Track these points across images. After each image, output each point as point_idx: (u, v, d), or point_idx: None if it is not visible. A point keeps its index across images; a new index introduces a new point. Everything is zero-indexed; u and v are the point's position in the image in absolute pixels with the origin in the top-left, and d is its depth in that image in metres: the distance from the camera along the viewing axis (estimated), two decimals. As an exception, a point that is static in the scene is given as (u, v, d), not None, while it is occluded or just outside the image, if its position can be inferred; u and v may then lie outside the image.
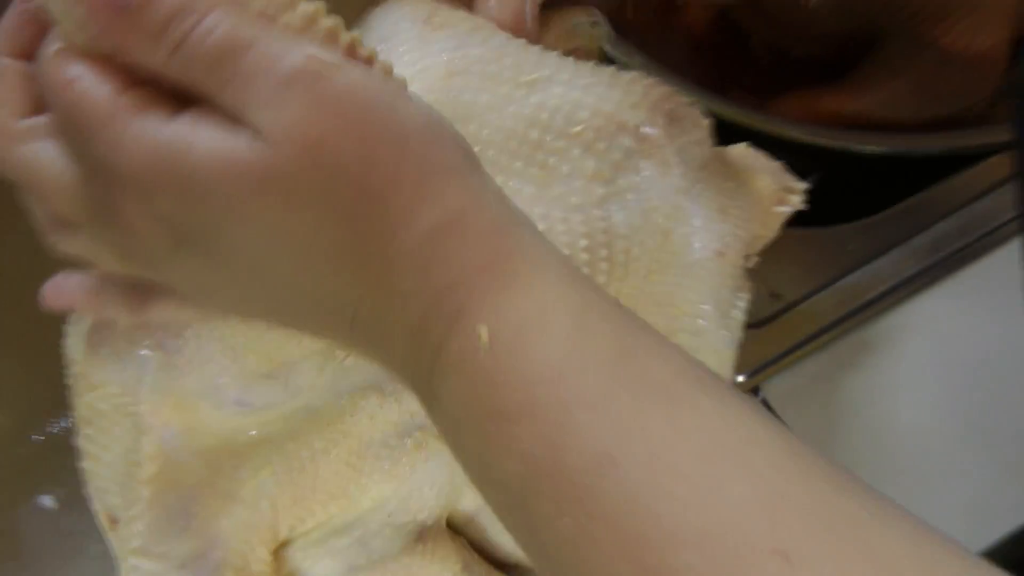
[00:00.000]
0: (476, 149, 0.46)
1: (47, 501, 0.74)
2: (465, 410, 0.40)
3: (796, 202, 0.65)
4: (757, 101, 0.91)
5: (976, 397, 0.79)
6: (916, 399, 0.80)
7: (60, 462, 0.73)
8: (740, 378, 0.78)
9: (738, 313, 0.62)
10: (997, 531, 0.74)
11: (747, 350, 0.73)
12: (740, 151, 0.65)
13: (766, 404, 0.79)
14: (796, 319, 0.80)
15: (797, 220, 0.74)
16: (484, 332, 0.40)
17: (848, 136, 0.84)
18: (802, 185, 0.70)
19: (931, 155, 0.84)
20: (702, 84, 0.84)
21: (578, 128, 0.57)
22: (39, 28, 0.45)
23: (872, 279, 0.81)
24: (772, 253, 0.74)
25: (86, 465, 0.59)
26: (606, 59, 0.73)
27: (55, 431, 0.76)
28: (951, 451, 0.78)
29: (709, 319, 0.61)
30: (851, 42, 0.91)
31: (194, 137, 0.40)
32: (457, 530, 0.65)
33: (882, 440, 0.78)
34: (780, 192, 0.65)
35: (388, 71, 0.43)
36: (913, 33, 0.85)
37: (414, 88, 0.44)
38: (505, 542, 0.65)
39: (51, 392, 0.72)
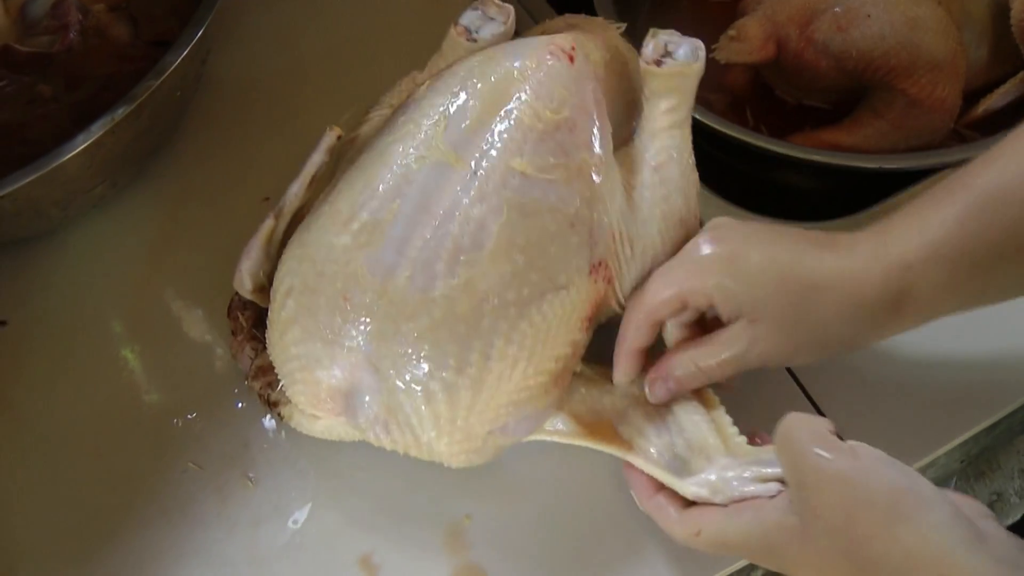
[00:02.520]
0: None
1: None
2: None
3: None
4: (780, 135, 1.04)
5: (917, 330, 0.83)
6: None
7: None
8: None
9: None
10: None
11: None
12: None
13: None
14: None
15: (803, 218, 0.93)
16: None
17: (843, 157, 0.98)
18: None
19: (900, 170, 0.97)
20: (741, 123, 1.02)
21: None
22: None
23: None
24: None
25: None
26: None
27: (191, 417, 0.89)
28: (907, 367, 0.88)
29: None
30: (846, 93, 1.05)
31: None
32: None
33: (860, 368, 0.88)
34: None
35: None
36: (889, 86, 1.00)
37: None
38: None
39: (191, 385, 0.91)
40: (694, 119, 0.84)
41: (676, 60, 0.80)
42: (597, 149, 0.80)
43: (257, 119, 1.08)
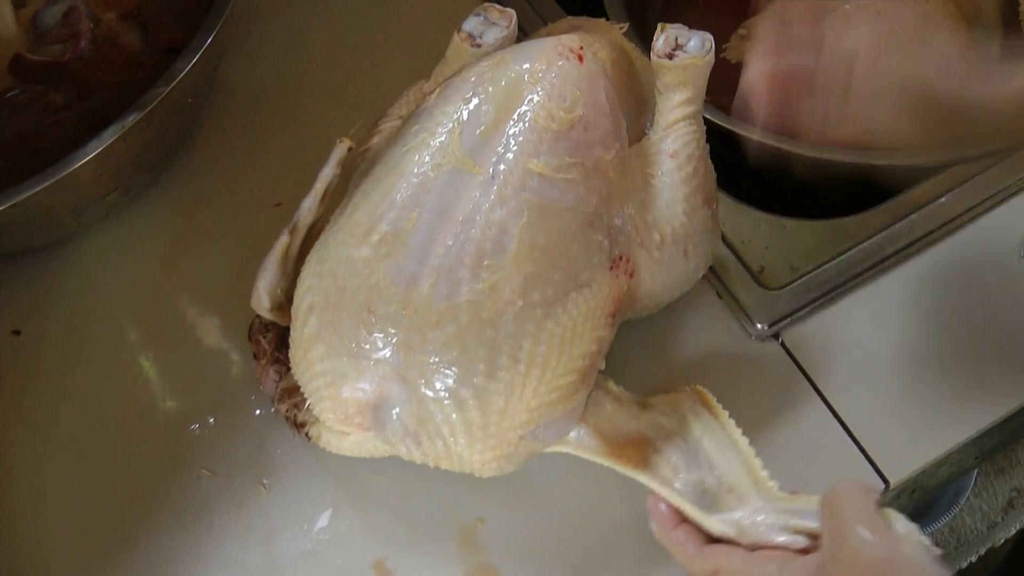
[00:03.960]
0: None
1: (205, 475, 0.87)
2: None
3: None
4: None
5: (930, 326, 0.90)
6: (899, 335, 0.91)
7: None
8: (764, 327, 0.90)
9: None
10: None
11: (770, 307, 0.91)
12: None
13: (784, 347, 0.90)
14: (808, 284, 0.92)
15: (810, 215, 0.93)
16: None
17: (856, 154, 0.93)
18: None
19: (912, 165, 0.96)
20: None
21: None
22: None
23: (863, 255, 0.93)
24: (792, 238, 0.93)
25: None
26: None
27: (211, 422, 0.89)
28: (919, 364, 0.89)
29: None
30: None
31: None
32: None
33: (872, 365, 0.89)
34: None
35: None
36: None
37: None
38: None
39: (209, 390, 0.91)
40: (706, 119, 0.85)
41: (687, 52, 0.81)
42: (612, 145, 0.81)
43: (269, 125, 1.08)
